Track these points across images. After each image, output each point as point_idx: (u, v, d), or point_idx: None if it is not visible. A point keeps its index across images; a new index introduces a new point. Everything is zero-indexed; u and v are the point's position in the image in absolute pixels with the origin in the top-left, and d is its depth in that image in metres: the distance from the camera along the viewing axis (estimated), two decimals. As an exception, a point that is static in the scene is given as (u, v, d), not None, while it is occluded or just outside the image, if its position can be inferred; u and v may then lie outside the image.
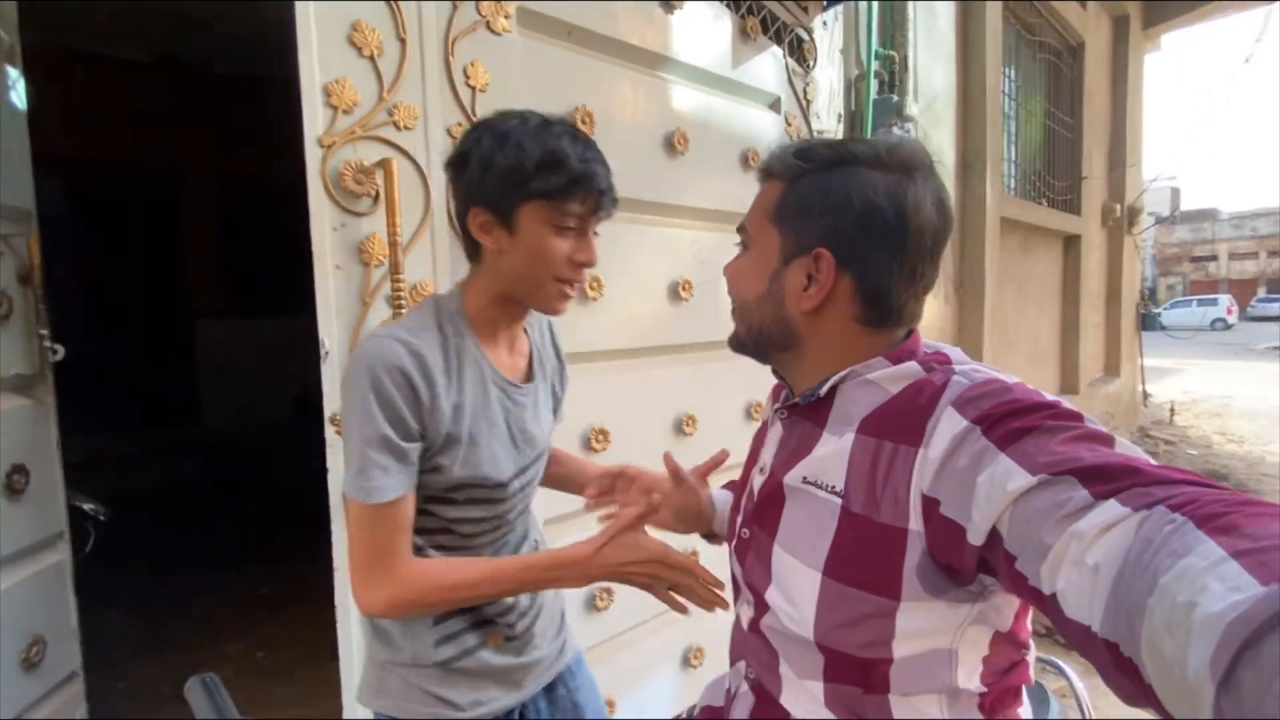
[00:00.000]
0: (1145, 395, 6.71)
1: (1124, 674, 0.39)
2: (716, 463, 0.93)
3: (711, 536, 0.94)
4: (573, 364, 1.48)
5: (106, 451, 3.89)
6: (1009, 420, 0.50)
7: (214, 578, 3.09)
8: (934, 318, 3.18)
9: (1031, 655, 0.63)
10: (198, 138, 4.60)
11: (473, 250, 0.84)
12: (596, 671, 1.58)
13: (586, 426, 1.50)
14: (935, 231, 0.61)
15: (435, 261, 1.25)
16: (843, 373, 0.63)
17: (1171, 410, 6.72)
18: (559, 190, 0.75)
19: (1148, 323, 6.27)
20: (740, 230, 0.70)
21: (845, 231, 0.60)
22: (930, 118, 2.98)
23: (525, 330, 0.94)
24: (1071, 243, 4.66)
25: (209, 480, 4.37)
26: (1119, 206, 5.20)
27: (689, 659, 1.80)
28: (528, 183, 0.75)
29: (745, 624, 0.71)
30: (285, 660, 2.38)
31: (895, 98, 2.39)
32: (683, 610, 0.84)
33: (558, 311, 0.85)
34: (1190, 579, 0.35)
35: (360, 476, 0.74)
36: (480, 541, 0.88)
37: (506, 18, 1.30)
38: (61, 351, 1.42)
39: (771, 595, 0.65)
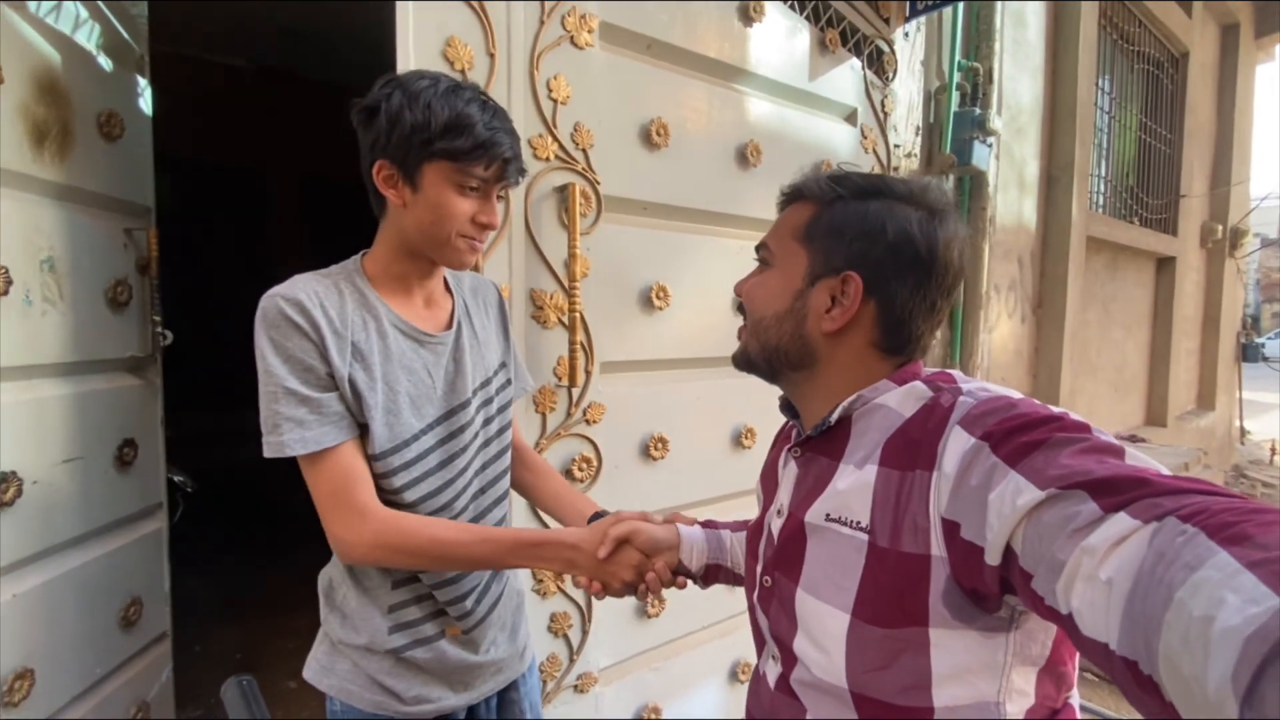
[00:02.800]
0: (1243, 432, 6.20)
1: (1146, 692, 0.38)
2: None
3: (683, 570, 0.89)
4: (636, 371, 1.51)
5: (195, 430, 4.18)
6: (1017, 435, 0.49)
7: (287, 553, 3.27)
8: (1009, 337, 3.05)
9: (1076, 699, 0.60)
10: (286, 139, 4.90)
11: (378, 204, 0.84)
12: (643, 678, 1.60)
13: (646, 434, 1.51)
14: (956, 271, 0.63)
15: (511, 267, 1.29)
16: (849, 399, 0.63)
17: (1273, 449, 6.18)
18: (463, 153, 0.76)
19: (1249, 353, 5.80)
20: (760, 248, 0.70)
21: (876, 258, 0.62)
22: (1014, 130, 2.87)
23: (450, 289, 0.94)
24: (1165, 264, 4.37)
25: (284, 461, 4.64)
26: (1221, 227, 4.84)
27: (736, 673, 1.78)
28: (433, 142, 0.76)
29: (772, 682, 0.68)
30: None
31: (978, 110, 2.30)
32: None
33: (463, 265, 0.85)
34: (1206, 592, 0.34)
35: (272, 433, 0.76)
36: (438, 503, 0.86)
37: (590, 32, 1.34)
38: (170, 336, 1.54)
39: (799, 645, 0.63)
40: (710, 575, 0.89)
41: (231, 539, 3.45)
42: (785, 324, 0.66)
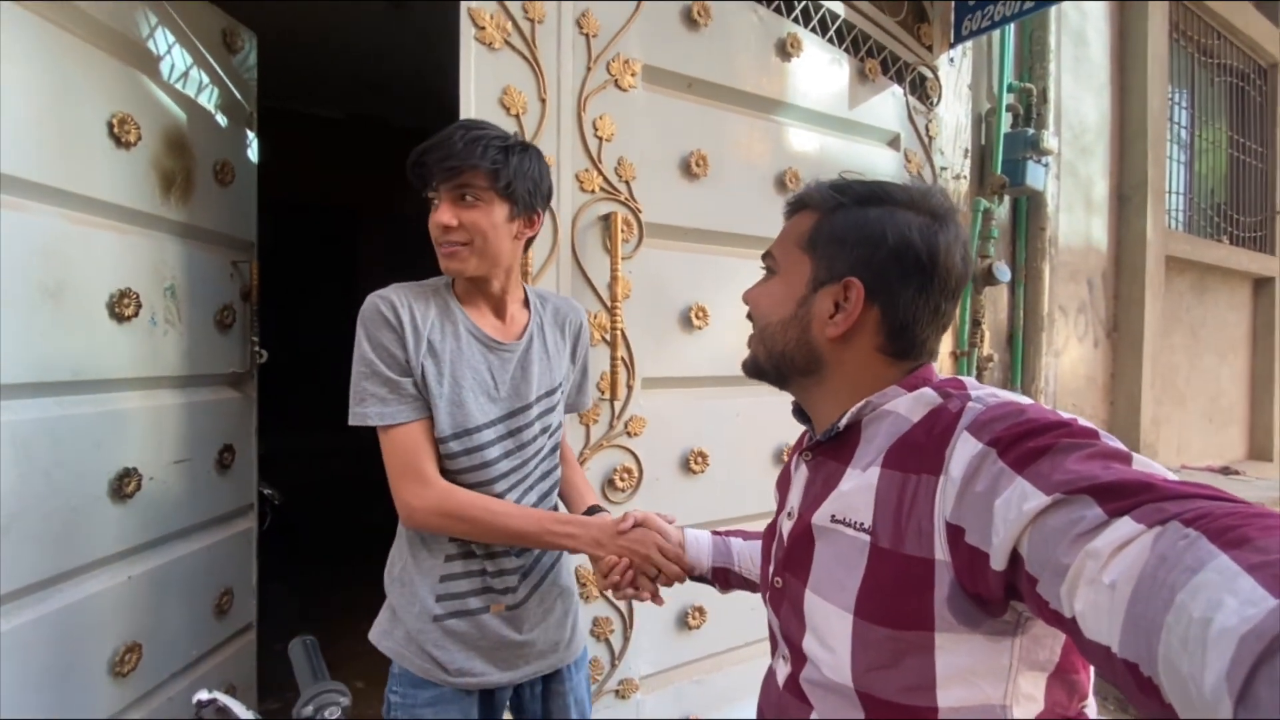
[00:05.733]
0: (1372, 470, 5.55)
1: (1146, 695, 0.38)
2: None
3: (689, 572, 0.95)
4: (676, 387, 1.58)
5: (280, 448, 4.53)
6: (1024, 441, 0.49)
7: (358, 566, 3.48)
8: (1080, 362, 2.93)
9: (1092, 709, 0.59)
10: (373, 180, 5.34)
11: None
12: (684, 689, 1.63)
13: (686, 448, 1.57)
14: (959, 275, 0.64)
15: (559, 288, 1.40)
16: (859, 405, 0.64)
17: None
18: (417, 179, 0.92)
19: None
20: (766, 256, 0.72)
21: (877, 264, 0.62)
22: (1078, 150, 2.80)
23: (530, 307, 1.04)
24: (1264, 285, 4.05)
25: (358, 480, 4.95)
26: (1329, 245, 4.45)
27: (781, 693, 1.78)
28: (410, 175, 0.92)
29: (780, 681, 0.68)
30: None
31: (1031, 131, 2.28)
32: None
33: (450, 272, 0.95)
34: (1205, 594, 0.34)
35: (359, 405, 0.91)
36: (497, 490, 0.97)
37: (633, 75, 1.46)
38: (266, 355, 1.74)
39: (808, 644, 0.63)
40: (720, 578, 0.94)
41: (311, 551, 3.70)
42: (790, 330, 0.67)
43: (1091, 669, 0.58)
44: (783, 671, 0.68)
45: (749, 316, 0.74)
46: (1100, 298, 3.03)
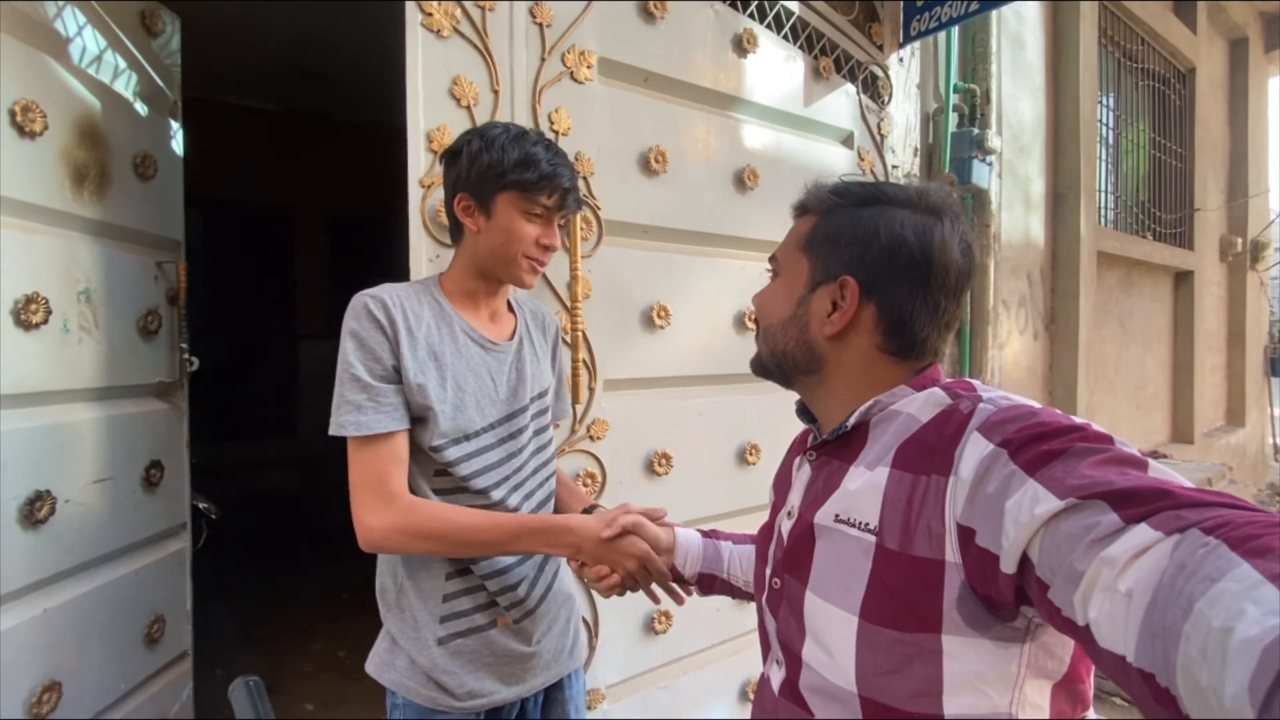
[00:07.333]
0: (1277, 448, 6.01)
1: (1162, 705, 0.37)
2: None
3: (675, 574, 0.92)
4: (640, 389, 1.55)
5: (217, 459, 4.28)
6: (1036, 444, 0.49)
7: (304, 580, 3.33)
8: (1022, 354, 3.04)
9: (1091, 714, 0.60)
10: (312, 177, 5.09)
11: (455, 232, 0.97)
12: (652, 696, 1.60)
13: (650, 450, 1.54)
14: (959, 271, 0.63)
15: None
16: (867, 404, 0.63)
17: (1310, 467, 5.97)
18: (530, 184, 0.90)
19: (1279, 368, 5.64)
20: (772, 260, 0.73)
21: (871, 262, 0.63)
22: (1017, 149, 2.90)
23: (513, 309, 1.04)
24: (1183, 279, 4.32)
25: (303, 490, 4.73)
26: (1240, 240, 4.78)
27: (746, 692, 1.77)
28: (504, 176, 0.89)
29: (776, 687, 0.67)
30: (363, 661, 2.52)
31: (976, 130, 2.35)
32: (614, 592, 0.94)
33: (526, 284, 0.97)
34: (1226, 603, 0.34)
35: (336, 412, 0.85)
36: (497, 496, 0.93)
37: (589, 68, 1.41)
38: (196, 363, 1.62)
39: (808, 650, 0.62)
40: (705, 584, 0.91)
41: (253, 566, 3.51)
42: (790, 329, 0.67)
43: (1093, 677, 0.59)
44: (777, 677, 0.67)
45: (756, 319, 0.74)
46: (1039, 292, 3.16)
